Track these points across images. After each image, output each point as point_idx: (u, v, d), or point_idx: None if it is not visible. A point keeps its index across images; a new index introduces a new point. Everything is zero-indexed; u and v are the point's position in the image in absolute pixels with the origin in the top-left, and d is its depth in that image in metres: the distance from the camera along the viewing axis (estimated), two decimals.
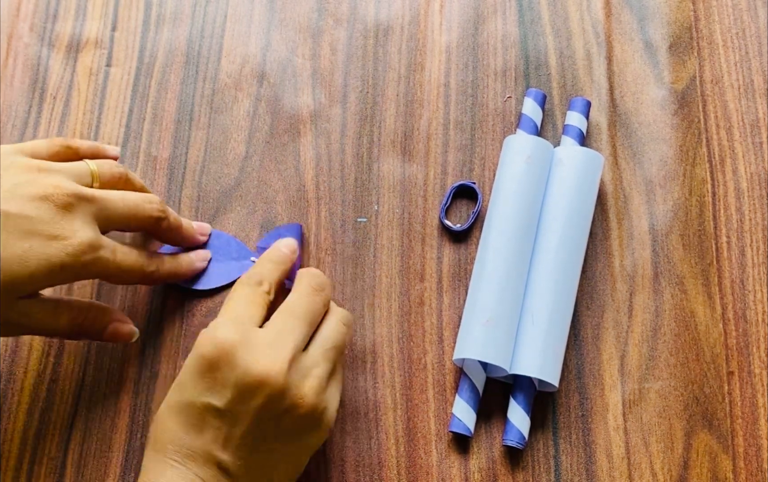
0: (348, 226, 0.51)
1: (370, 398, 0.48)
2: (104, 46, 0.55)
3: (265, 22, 0.55)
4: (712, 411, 0.47)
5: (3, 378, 0.48)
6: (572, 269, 0.47)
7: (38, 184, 0.40)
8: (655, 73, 0.53)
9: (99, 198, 0.42)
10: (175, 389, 0.40)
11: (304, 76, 0.54)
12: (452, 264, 0.50)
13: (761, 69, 0.53)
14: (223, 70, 0.54)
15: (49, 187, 0.40)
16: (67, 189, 0.40)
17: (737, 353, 0.48)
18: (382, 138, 0.53)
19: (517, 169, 0.48)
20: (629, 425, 0.47)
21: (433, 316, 0.49)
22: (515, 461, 0.46)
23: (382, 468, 0.46)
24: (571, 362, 0.48)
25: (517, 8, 0.55)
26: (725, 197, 0.51)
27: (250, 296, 0.42)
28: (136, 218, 0.44)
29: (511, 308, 0.46)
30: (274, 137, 0.53)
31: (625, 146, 0.52)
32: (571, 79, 0.53)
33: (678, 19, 0.55)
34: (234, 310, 0.41)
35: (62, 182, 0.41)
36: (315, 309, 0.42)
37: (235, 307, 0.41)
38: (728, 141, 0.52)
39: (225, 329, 0.39)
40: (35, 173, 0.41)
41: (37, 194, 0.40)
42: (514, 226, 0.47)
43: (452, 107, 0.53)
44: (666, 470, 0.46)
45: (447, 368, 0.48)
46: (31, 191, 0.40)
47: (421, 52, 0.54)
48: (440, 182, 0.52)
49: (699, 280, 0.49)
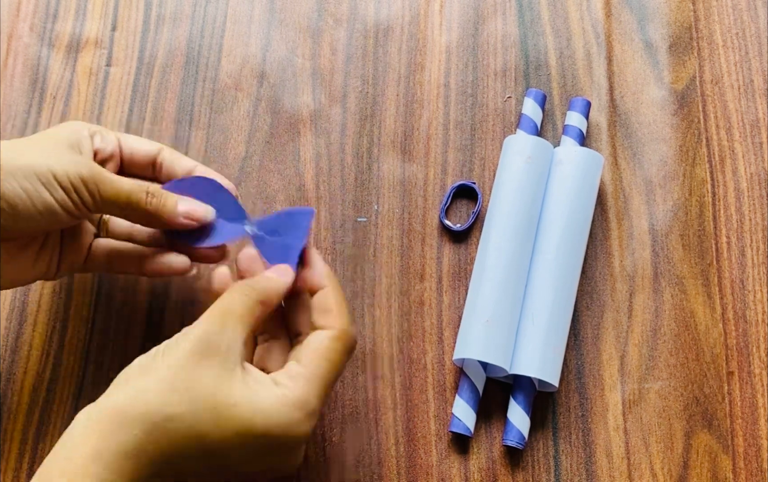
0: (348, 226, 0.51)
1: (370, 398, 0.48)
2: (104, 46, 0.55)
3: (265, 22, 0.55)
4: (712, 411, 0.47)
5: (3, 377, 0.48)
6: (572, 270, 0.47)
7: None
8: (655, 74, 0.53)
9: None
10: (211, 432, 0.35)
11: (304, 76, 0.54)
12: (452, 264, 0.50)
13: (761, 69, 0.53)
14: (223, 70, 0.54)
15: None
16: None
17: (737, 354, 0.48)
18: (382, 138, 0.53)
19: (517, 169, 0.48)
20: (629, 425, 0.47)
21: (433, 316, 0.49)
22: (515, 461, 0.46)
23: (382, 468, 0.46)
24: (571, 362, 0.48)
25: (517, 8, 0.55)
26: (725, 198, 0.51)
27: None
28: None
29: (511, 308, 0.46)
30: (274, 136, 0.53)
31: (625, 146, 0.52)
32: (571, 79, 0.53)
33: (678, 19, 0.55)
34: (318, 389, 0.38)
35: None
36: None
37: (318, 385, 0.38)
38: (728, 141, 0.52)
39: (310, 420, 0.37)
40: None
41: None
42: (514, 226, 0.47)
43: (452, 107, 0.53)
44: (666, 470, 0.46)
45: (447, 368, 0.48)
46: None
47: (421, 52, 0.54)
48: (440, 182, 0.52)
49: (699, 280, 0.49)
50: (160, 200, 0.41)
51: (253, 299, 0.38)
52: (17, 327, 0.49)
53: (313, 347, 0.38)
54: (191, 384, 0.35)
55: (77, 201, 0.39)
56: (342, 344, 0.39)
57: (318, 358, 0.38)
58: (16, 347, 0.48)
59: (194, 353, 0.36)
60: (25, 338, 0.49)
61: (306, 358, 0.38)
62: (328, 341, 0.38)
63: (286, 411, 0.36)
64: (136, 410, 0.34)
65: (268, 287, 0.39)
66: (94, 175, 0.40)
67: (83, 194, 0.39)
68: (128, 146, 0.45)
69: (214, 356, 0.36)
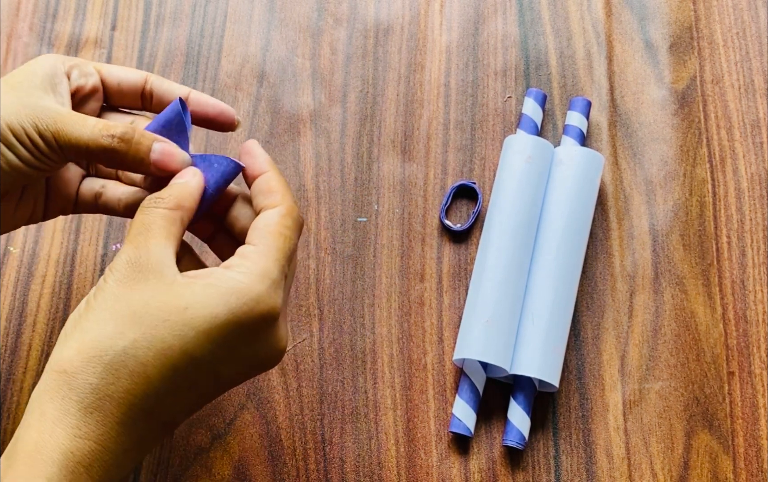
0: (348, 226, 0.51)
1: (370, 398, 0.48)
2: (104, 46, 0.55)
3: (265, 22, 0.55)
4: (712, 412, 0.47)
5: (3, 377, 0.48)
6: (572, 270, 0.47)
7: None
8: (656, 73, 0.53)
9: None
10: (172, 333, 0.32)
11: (304, 76, 0.54)
12: (452, 264, 0.50)
13: (762, 69, 0.53)
14: (223, 70, 0.54)
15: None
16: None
17: (737, 354, 0.48)
18: (382, 138, 0.53)
19: (517, 169, 0.48)
20: (629, 425, 0.47)
21: (433, 316, 0.49)
22: (515, 461, 0.46)
23: (382, 468, 0.46)
24: (571, 362, 0.48)
25: (517, 8, 0.55)
26: (726, 197, 0.51)
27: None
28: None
29: (512, 308, 0.46)
30: (274, 136, 0.53)
31: (626, 146, 0.52)
32: (571, 79, 0.53)
33: (678, 19, 0.55)
34: (276, 258, 0.35)
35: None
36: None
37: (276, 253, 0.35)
38: (729, 141, 0.52)
39: (276, 291, 0.34)
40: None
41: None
42: (514, 226, 0.47)
43: (452, 107, 0.53)
44: (666, 470, 0.46)
45: (447, 368, 0.48)
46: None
47: (421, 52, 0.54)
48: (440, 182, 0.52)
49: (699, 280, 0.49)
50: (131, 145, 0.37)
51: (169, 208, 0.35)
52: (17, 327, 0.49)
53: (262, 225, 0.36)
54: (133, 308, 0.32)
55: (38, 155, 0.36)
56: (292, 219, 0.36)
57: (269, 234, 0.35)
58: (16, 347, 0.48)
59: (126, 280, 0.33)
60: (24, 338, 0.49)
61: (257, 237, 0.35)
62: (278, 217, 0.36)
63: (245, 286, 0.33)
64: (84, 359, 0.31)
65: (181, 192, 0.36)
66: (54, 124, 0.36)
67: (40, 145, 0.36)
68: (114, 76, 0.41)
69: (148, 275, 0.33)
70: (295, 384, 0.48)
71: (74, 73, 0.40)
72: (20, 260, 0.50)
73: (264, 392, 0.48)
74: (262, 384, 0.48)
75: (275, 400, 0.47)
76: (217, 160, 0.38)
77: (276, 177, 0.37)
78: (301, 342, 0.49)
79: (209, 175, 0.38)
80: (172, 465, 0.46)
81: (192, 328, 0.32)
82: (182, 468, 0.46)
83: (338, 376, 0.48)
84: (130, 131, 0.37)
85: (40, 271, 0.50)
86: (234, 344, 0.33)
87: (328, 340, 0.49)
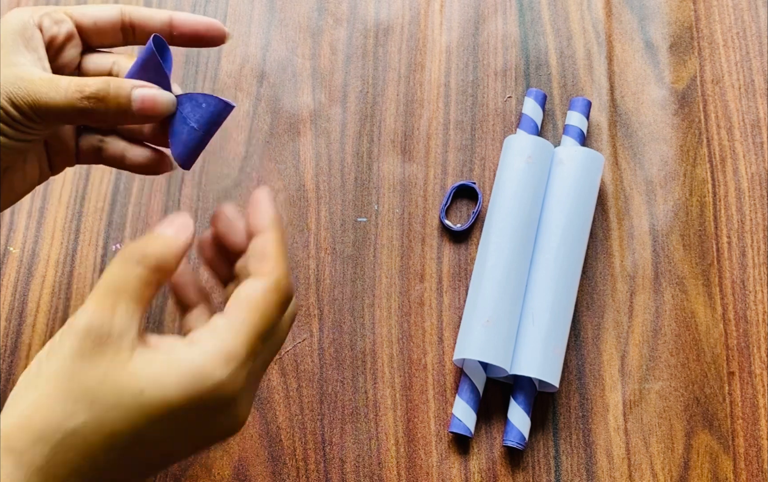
0: (348, 226, 0.51)
1: (370, 398, 0.48)
2: None
3: (265, 22, 0.55)
4: (712, 412, 0.47)
5: (3, 377, 0.48)
6: (572, 270, 0.47)
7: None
8: (656, 73, 0.53)
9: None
10: (117, 417, 0.30)
11: (304, 76, 0.54)
12: (452, 264, 0.50)
13: (762, 69, 0.53)
14: (223, 70, 0.54)
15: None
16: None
17: (738, 354, 0.48)
18: (382, 138, 0.53)
19: (517, 169, 0.48)
20: (630, 425, 0.47)
21: (433, 316, 0.49)
22: (515, 461, 0.46)
23: (382, 468, 0.46)
24: (571, 362, 0.48)
25: (517, 8, 0.55)
26: (726, 198, 0.51)
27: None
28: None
29: (512, 309, 0.46)
30: (273, 136, 0.53)
31: (626, 146, 0.52)
32: (571, 79, 0.53)
33: (678, 19, 0.55)
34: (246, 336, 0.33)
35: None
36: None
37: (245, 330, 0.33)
38: (729, 141, 0.52)
39: (240, 373, 0.32)
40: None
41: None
42: (514, 226, 0.47)
43: (452, 107, 0.53)
44: (666, 471, 0.46)
45: (447, 368, 0.48)
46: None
47: (421, 52, 0.54)
48: (440, 182, 0.52)
49: (699, 280, 0.49)
50: (109, 100, 0.35)
51: (148, 269, 0.32)
52: (17, 327, 0.49)
53: (242, 297, 0.33)
54: (86, 385, 0.30)
55: (20, 127, 0.35)
56: (277, 295, 0.33)
57: (247, 309, 0.33)
58: (15, 347, 0.48)
59: (83, 351, 0.31)
60: (24, 338, 0.49)
61: (234, 308, 0.33)
62: (261, 293, 0.33)
63: (206, 371, 0.31)
64: (31, 438, 0.30)
65: (165, 252, 0.33)
66: (28, 94, 0.35)
67: (18, 118, 0.35)
68: (88, 16, 0.39)
69: (106, 348, 0.31)
70: (295, 384, 0.48)
71: (45, 22, 0.38)
72: (20, 260, 0.50)
73: (264, 392, 0.48)
74: (262, 384, 0.48)
75: (275, 400, 0.47)
76: (205, 99, 0.37)
77: (274, 241, 0.35)
78: (301, 342, 0.49)
79: (197, 114, 0.37)
80: (172, 465, 0.46)
81: (144, 414, 0.31)
82: (182, 469, 0.46)
83: (338, 376, 0.48)
84: (104, 85, 0.35)
85: (40, 271, 0.50)
86: (187, 425, 0.32)
87: (328, 340, 0.49)
